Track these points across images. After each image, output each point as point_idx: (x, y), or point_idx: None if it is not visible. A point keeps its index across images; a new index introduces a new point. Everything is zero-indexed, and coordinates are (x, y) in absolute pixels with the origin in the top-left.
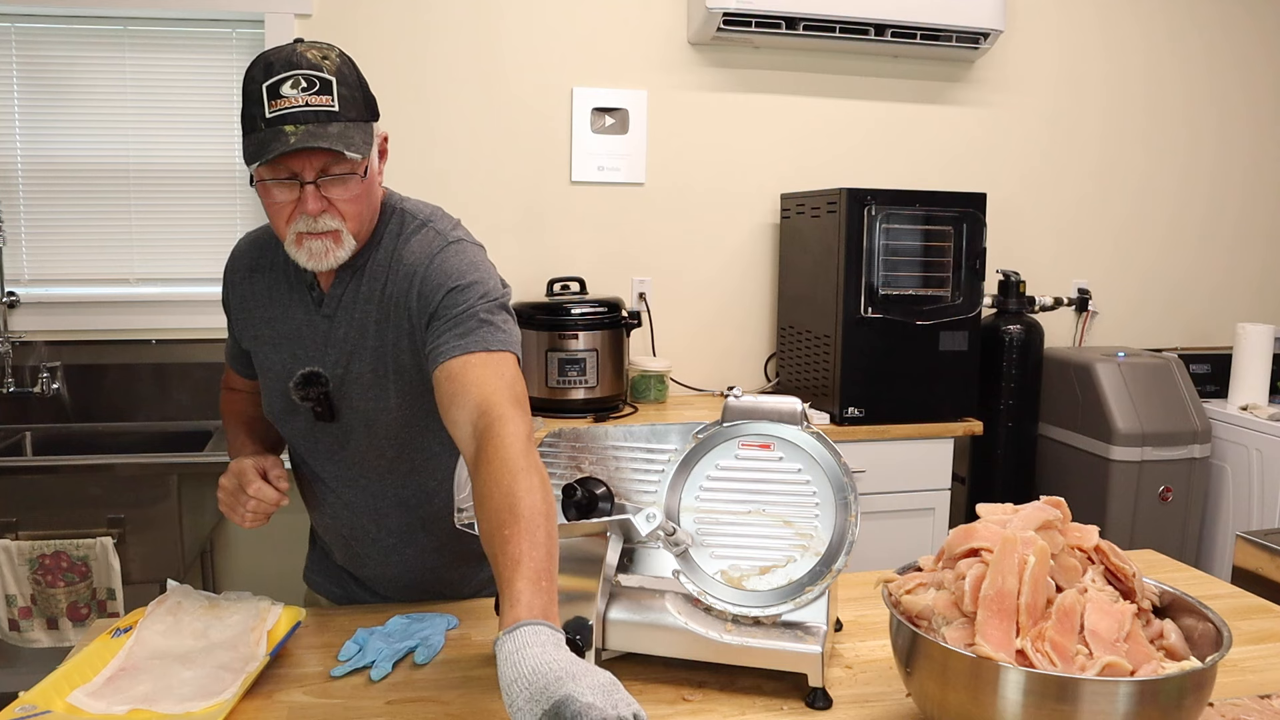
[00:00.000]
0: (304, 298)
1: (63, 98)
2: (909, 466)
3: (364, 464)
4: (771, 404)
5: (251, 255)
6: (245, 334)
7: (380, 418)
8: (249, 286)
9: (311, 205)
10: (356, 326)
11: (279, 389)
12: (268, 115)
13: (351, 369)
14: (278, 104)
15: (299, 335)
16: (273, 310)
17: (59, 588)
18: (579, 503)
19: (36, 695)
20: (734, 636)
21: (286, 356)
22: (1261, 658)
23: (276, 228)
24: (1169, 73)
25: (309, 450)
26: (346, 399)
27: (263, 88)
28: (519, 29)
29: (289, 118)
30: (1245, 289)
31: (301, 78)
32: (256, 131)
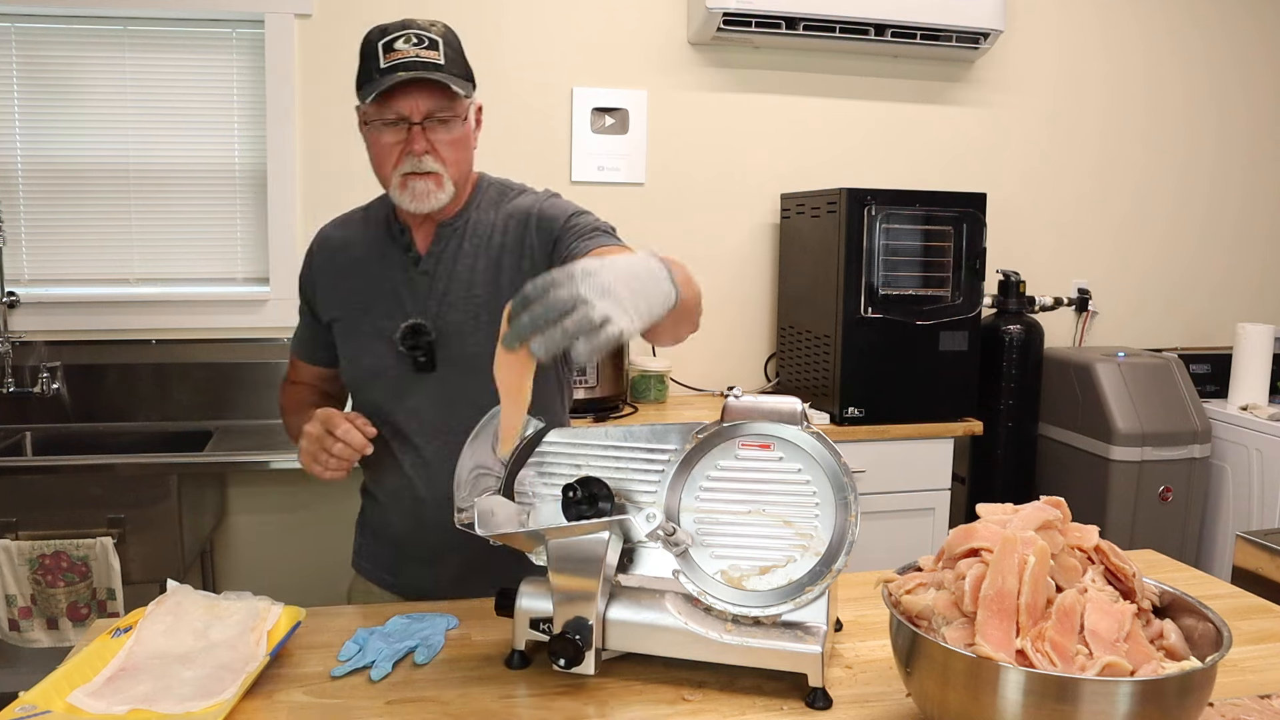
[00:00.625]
0: (399, 259)
1: (63, 98)
2: (909, 466)
3: (454, 415)
4: (771, 404)
5: (339, 234)
6: (330, 307)
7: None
8: (338, 261)
9: (418, 145)
10: (460, 280)
11: (370, 347)
12: (382, 66)
13: (452, 319)
14: (392, 56)
15: (395, 294)
16: (364, 278)
17: (59, 588)
18: (579, 502)
19: (36, 695)
20: (734, 636)
21: (380, 315)
22: (1261, 658)
23: (383, 174)
24: (1169, 72)
25: (396, 407)
26: (446, 348)
27: (378, 45)
28: (519, 29)
29: (402, 66)
30: (1245, 289)
31: (413, 35)
32: (370, 82)
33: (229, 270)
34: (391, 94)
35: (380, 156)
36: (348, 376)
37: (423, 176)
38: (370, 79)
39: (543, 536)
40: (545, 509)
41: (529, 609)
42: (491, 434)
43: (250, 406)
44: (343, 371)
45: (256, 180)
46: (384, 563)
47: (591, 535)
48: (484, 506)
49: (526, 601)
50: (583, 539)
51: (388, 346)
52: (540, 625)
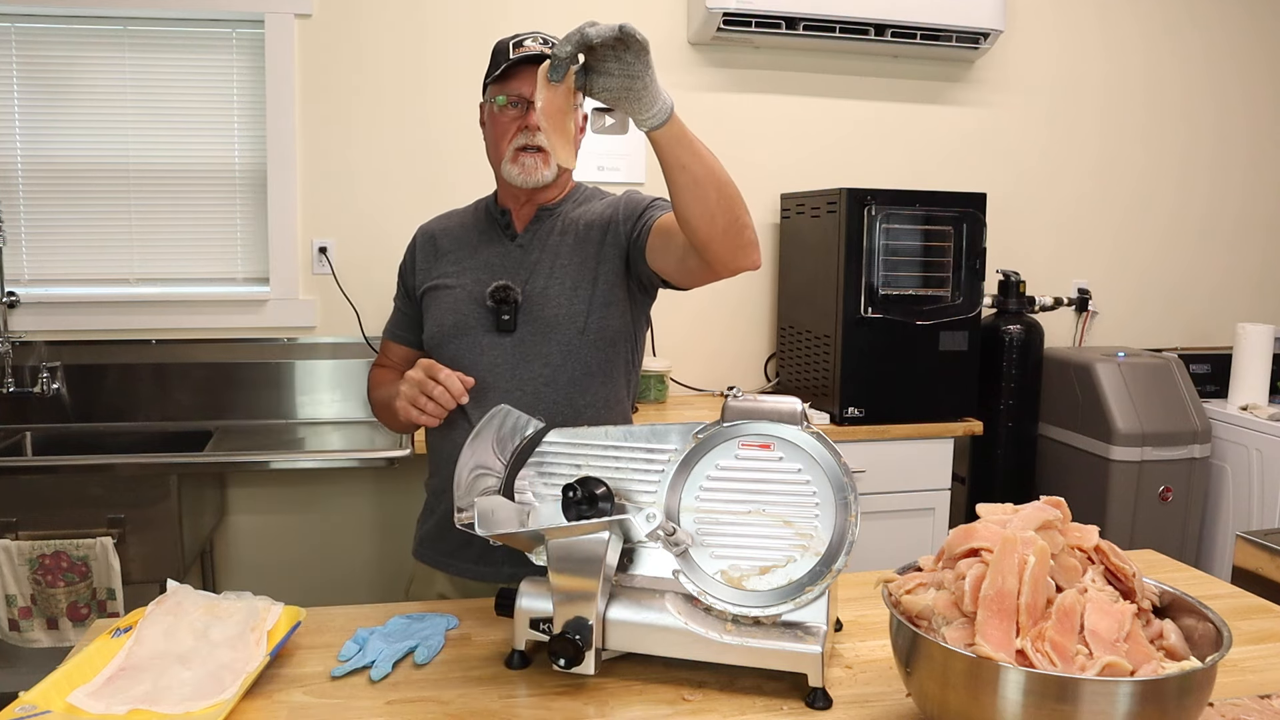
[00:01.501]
0: (497, 236)
1: (63, 98)
2: (909, 466)
3: (527, 370)
4: (771, 404)
5: (441, 224)
6: (424, 278)
7: (560, 321)
8: (439, 242)
9: (532, 119)
10: (549, 252)
11: (455, 305)
12: (511, 57)
13: (537, 285)
14: (520, 50)
15: (489, 263)
16: (462, 252)
17: (59, 588)
18: (579, 502)
19: (36, 695)
20: (734, 636)
21: (470, 280)
22: (1261, 658)
23: (498, 150)
24: (1168, 72)
25: (475, 363)
26: (528, 311)
27: (509, 44)
28: (519, 29)
29: (529, 59)
30: (1245, 289)
31: (541, 36)
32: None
33: (229, 270)
34: (514, 75)
35: (498, 133)
36: (431, 334)
37: (533, 152)
38: (498, 67)
39: (543, 536)
40: (545, 509)
41: (529, 609)
42: (492, 434)
43: (250, 406)
44: (425, 331)
45: (256, 180)
46: (453, 544)
47: (591, 535)
48: (484, 506)
49: (526, 601)
50: (583, 539)
51: (476, 306)
52: (540, 625)
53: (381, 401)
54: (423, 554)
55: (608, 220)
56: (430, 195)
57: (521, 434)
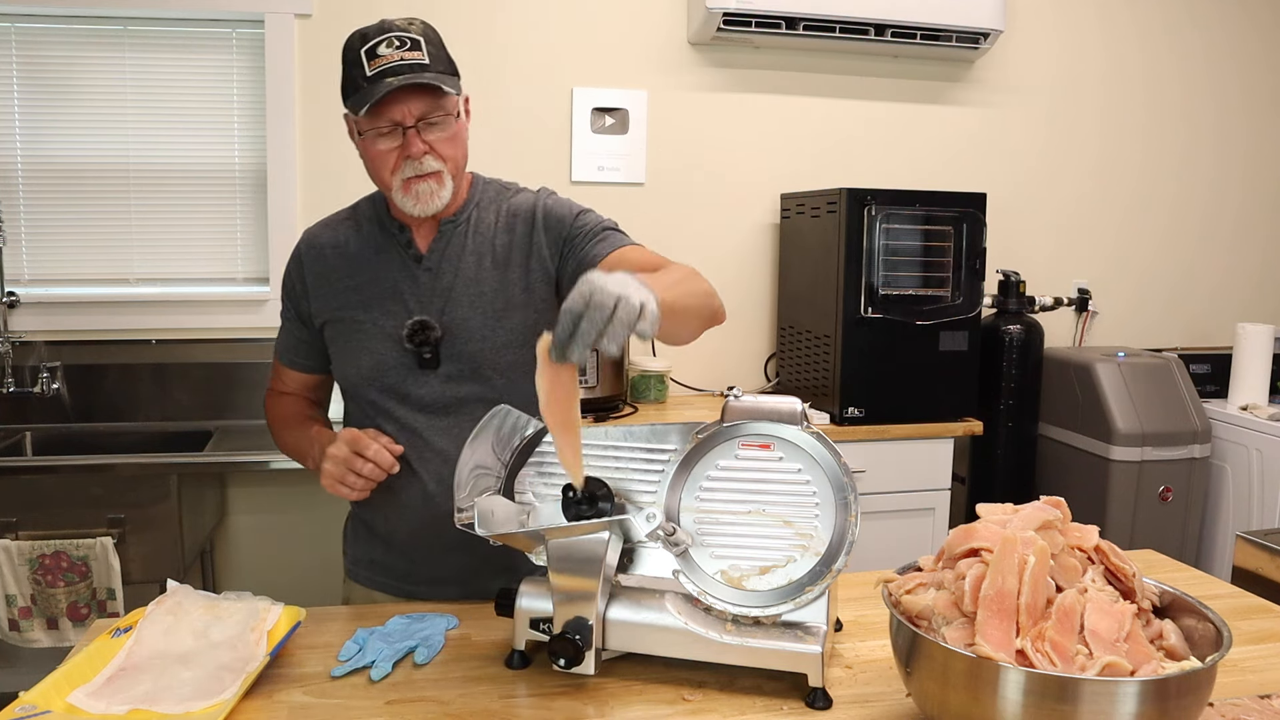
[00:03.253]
0: (398, 257)
1: (63, 98)
2: (909, 466)
3: (462, 409)
4: (771, 404)
5: (328, 235)
6: (322, 307)
7: (488, 357)
8: (328, 260)
9: (415, 147)
10: (466, 277)
11: (370, 345)
12: (368, 74)
13: (458, 316)
14: (376, 62)
15: (396, 292)
16: (360, 276)
17: (59, 588)
18: (579, 502)
19: (36, 695)
20: (734, 636)
21: (380, 313)
22: (1261, 658)
23: (381, 180)
24: (1168, 72)
25: (399, 403)
26: (451, 344)
27: (360, 52)
28: (519, 29)
29: (388, 72)
30: (1245, 289)
31: (395, 38)
32: (359, 90)
33: (229, 270)
34: (383, 102)
35: (378, 164)
36: (344, 377)
37: (425, 178)
38: (357, 87)
39: (543, 536)
40: (545, 509)
41: (529, 609)
42: (492, 434)
43: (250, 406)
44: (337, 372)
45: (256, 180)
46: (390, 567)
47: (591, 535)
48: (484, 506)
49: (526, 601)
50: (583, 539)
51: (390, 344)
52: (540, 625)
53: (293, 447)
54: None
55: (529, 244)
56: None
57: (521, 434)
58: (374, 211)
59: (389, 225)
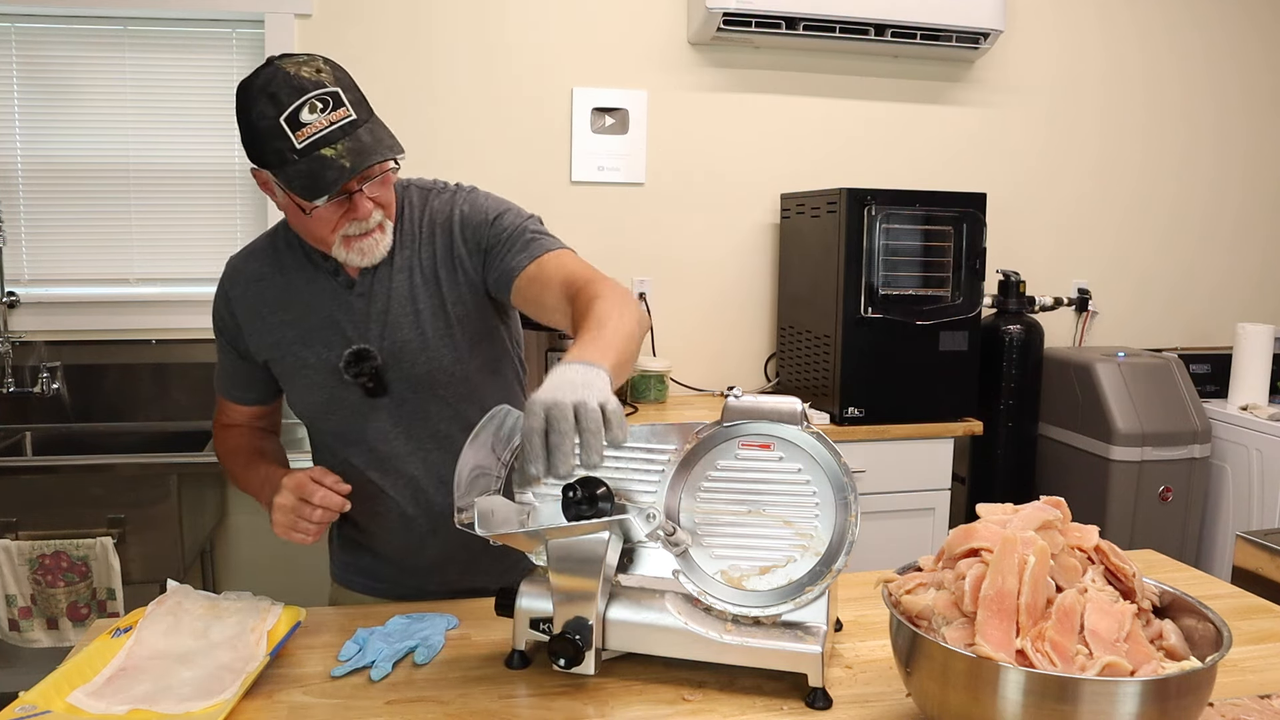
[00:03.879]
0: (328, 285)
1: (63, 98)
2: (909, 466)
3: (422, 430)
4: (771, 404)
5: (252, 266)
6: (260, 345)
7: (438, 378)
8: (257, 296)
9: (363, 209)
10: (400, 297)
11: (317, 380)
12: (298, 146)
13: (399, 338)
14: (303, 132)
15: (332, 321)
16: (293, 309)
17: (59, 588)
18: (579, 502)
19: (36, 695)
20: (734, 636)
21: (320, 346)
22: (1261, 658)
23: (319, 239)
24: (1168, 72)
25: (360, 433)
26: (396, 369)
27: (280, 122)
28: (519, 29)
29: (321, 141)
30: (1245, 289)
31: (315, 100)
32: (290, 164)
33: None
34: None
35: (317, 230)
36: (300, 412)
37: (368, 234)
38: (285, 160)
39: (543, 536)
40: (545, 509)
41: (529, 609)
42: (492, 434)
43: None
44: (293, 408)
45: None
46: (379, 574)
47: (591, 535)
48: (484, 506)
49: (526, 601)
50: (583, 539)
51: (334, 377)
52: (540, 625)
53: (246, 485)
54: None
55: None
56: None
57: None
58: (296, 241)
59: (313, 255)
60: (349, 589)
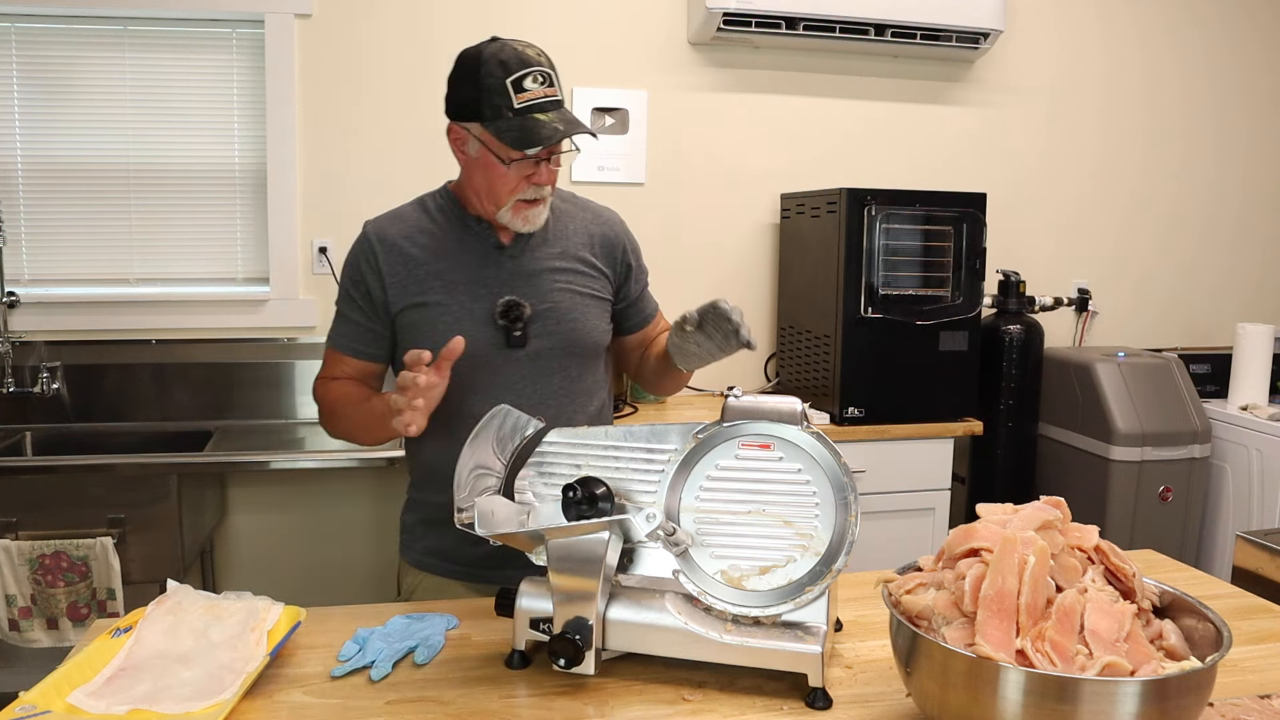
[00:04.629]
0: (479, 246)
1: (63, 98)
2: (909, 466)
3: (546, 387)
4: (771, 404)
5: (398, 227)
6: (403, 297)
7: (573, 340)
8: (406, 251)
9: (544, 176)
10: (547, 262)
11: (458, 327)
12: (515, 105)
13: (546, 300)
14: (524, 96)
15: (480, 278)
16: (442, 263)
17: (59, 588)
18: (579, 502)
19: (36, 695)
20: (734, 636)
21: (466, 297)
22: (1261, 658)
23: (495, 196)
24: (1168, 72)
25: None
26: (540, 324)
27: (506, 82)
28: (519, 29)
29: (536, 107)
30: (1245, 289)
31: (538, 74)
32: (504, 119)
33: (229, 270)
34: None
35: (499, 184)
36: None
37: (536, 203)
38: (501, 115)
39: (543, 536)
40: (545, 509)
41: (529, 609)
42: (492, 434)
43: (250, 406)
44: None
45: (256, 180)
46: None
47: (591, 535)
48: (484, 506)
49: (526, 601)
50: (583, 539)
51: (478, 325)
52: (540, 625)
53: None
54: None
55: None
56: None
57: (521, 434)
58: (448, 205)
59: (467, 220)
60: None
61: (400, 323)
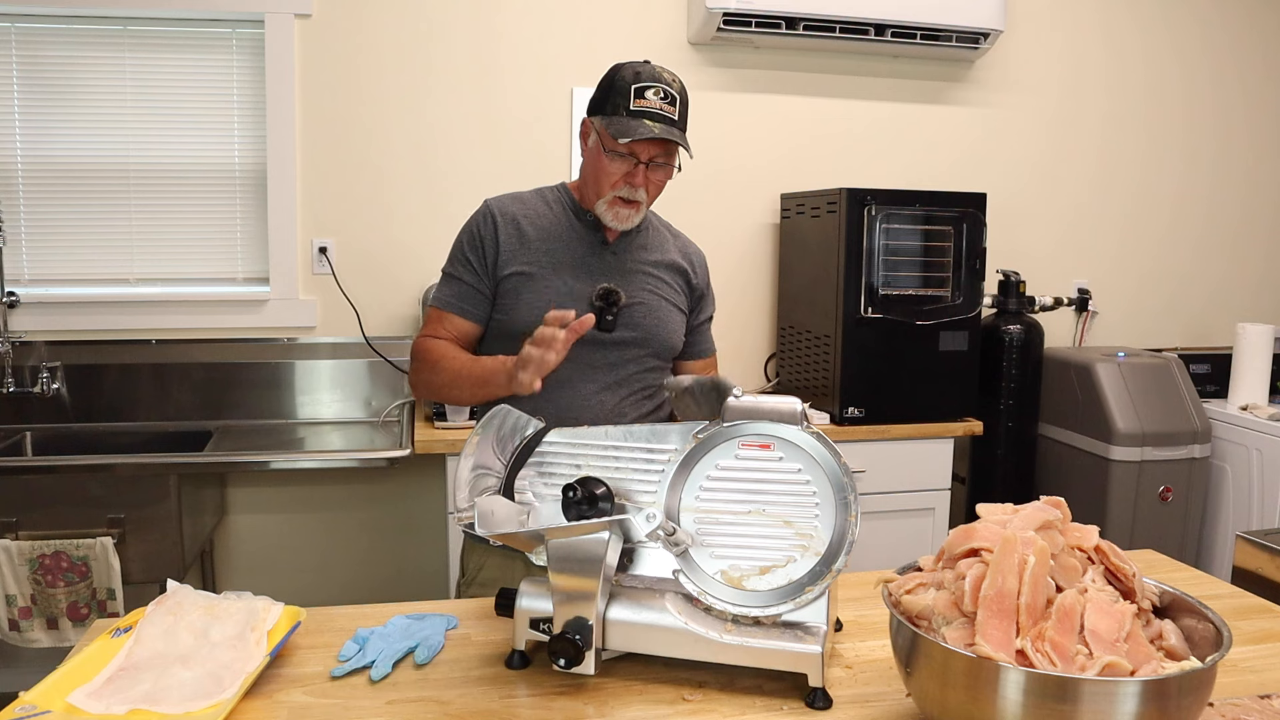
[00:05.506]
0: (588, 237)
1: (63, 98)
2: (909, 466)
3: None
4: (771, 404)
5: (517, 207)
6: (513, 261)
7: (655, 335)
8: (523, 225)
9: (639, 179)
10: (643, 264)
11: (557, 300)
12: (631, 108)
13: (640, 293)
14: (641, 102)
15: (583, 263)
16: (553, 244)
17: (59, 588)
18: (579, 502)
19: (36, 695)
20: (734, 636)
21: (569, 276)
22: (1261, 658)
23: (597, 187)
24: (1169, 72)
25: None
26: (629, 315)
27: (631, 87)
28: (519, 29)
29: (649, 115)
30: (1245, 289)
31: (662, 89)
32: (618, 116)
33: (229, 270)
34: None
35: (602, 176)
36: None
37: (631, 204)
38: (616, 112)
39: (543, 536)
40: (545, 509)
41: (529, 609)
42: (492, 434)
43: (250, 406)
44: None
45: (256, 180)
46: None
47: (591, 535)
48: (484, 506)
49: (526, 601)
50: (583, 539)
51: (575, 302)
52: (540, 625)
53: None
54: None
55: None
56: (430, 195)
57: (521, 434)
58: (564, 198)
59: (581, 213)
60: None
61: (504, 287)
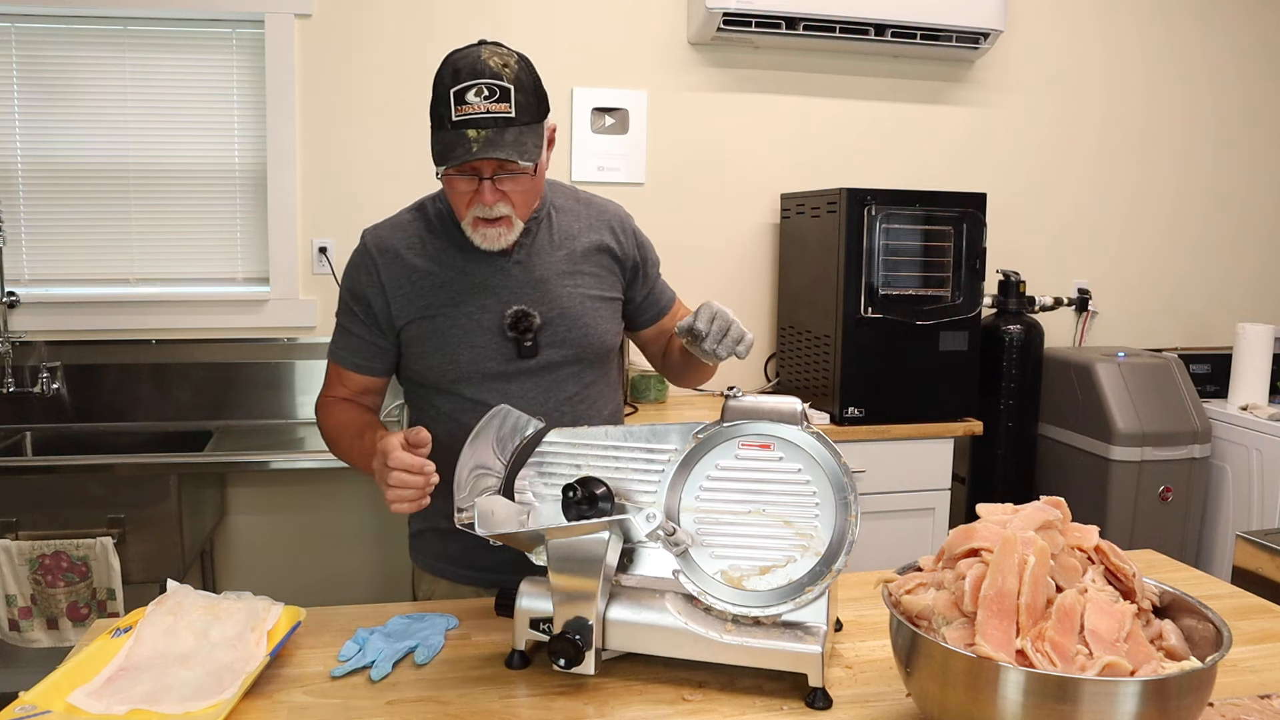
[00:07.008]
0: (485, 255)
1: (63, 98)
2: (909, 466)
3: (559, 395)
4: (771, 404)
5: (398, 236)
6: (406, 308)
7: (586, 345)
8: (408, 262)
9: (488, 197)
10: (556, 269)
11: (468, 341)
12: (453, 119)
13: (557, 305)
14: (462, 109)
15: (486, 286)
16: (447, 273)
17: (59, 588)
18: (579, 502)
19: (36, 695)
20: (734, 636)
21: (473, 307)
22: (1261, 658)
23: (457, 211)
24: (1169, 72)
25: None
26: (551, 332)
27: (450, 92)
28: (519, 29)
29: (471, 123)
30: (1245, 289)
31: (484, 86)
32: (443, 130)
33: (229, 270)
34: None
35: (452, 198)
36: (440, 375)
37: (494, 223)
38: (441, 126)
39: (543, 536)
40: (545, 509)
41: (529, 609)
42: (492, 434)
43: (250, 406)
44: (429, 371)
45: (256, 180)
46: (472, 560)
47: (591, 535)
48: (484, 506)
49: (526, 601)
50: (583, 539)
51: (487, 337)
52: (540, 625)
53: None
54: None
55: (617, 253)
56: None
57: (521, 434)
58: (449, 211)
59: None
60: (442, 577)
61: (405, 337)
